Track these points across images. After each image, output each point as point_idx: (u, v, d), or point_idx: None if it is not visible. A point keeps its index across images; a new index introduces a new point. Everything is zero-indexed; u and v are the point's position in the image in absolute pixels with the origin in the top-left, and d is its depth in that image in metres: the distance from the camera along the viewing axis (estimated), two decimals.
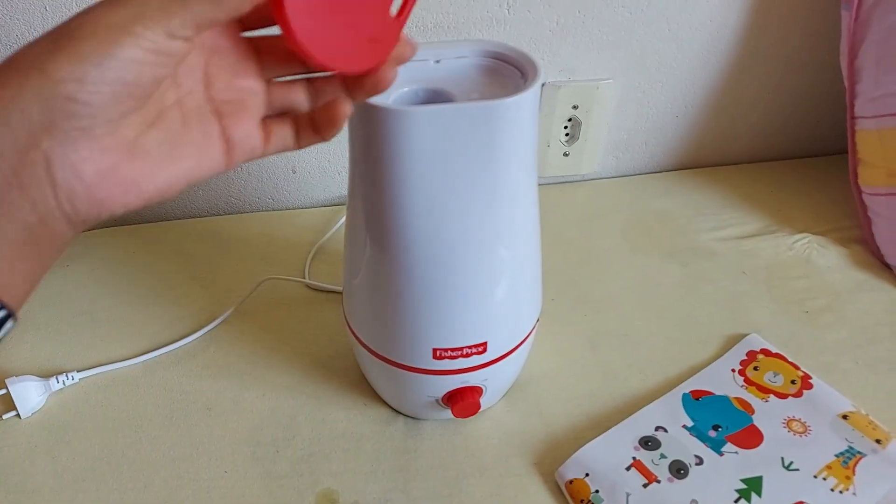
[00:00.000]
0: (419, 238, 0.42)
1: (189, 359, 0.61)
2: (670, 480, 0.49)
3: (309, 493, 0.50)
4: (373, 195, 0.42)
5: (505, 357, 0.50)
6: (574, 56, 0.75)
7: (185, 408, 0.56)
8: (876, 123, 0.68)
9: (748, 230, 0.76)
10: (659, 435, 0.53)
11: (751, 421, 0.54)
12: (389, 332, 0.48)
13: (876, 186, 0.70)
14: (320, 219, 0.78)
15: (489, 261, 0.44)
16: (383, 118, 0.37)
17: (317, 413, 0.56)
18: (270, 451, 0.53)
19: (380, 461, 0.52)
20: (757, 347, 0.60)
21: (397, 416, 0.56)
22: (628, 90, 0.79)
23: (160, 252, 0.73)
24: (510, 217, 0.44)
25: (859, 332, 0.63)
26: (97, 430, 0.55)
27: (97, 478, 0.51)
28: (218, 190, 0.78)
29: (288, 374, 0.59)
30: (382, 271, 0.45)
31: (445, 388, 0.50)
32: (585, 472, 0.50)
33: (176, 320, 0.64)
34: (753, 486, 0.49)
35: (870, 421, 0.53)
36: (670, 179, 0.85)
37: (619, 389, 0.58)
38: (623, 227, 0.77)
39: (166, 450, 0.53)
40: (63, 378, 0.57)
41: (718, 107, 0.83)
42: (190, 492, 0.50)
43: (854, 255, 0.72)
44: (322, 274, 0.70)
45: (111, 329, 0.63)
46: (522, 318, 0.50)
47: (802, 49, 0.80)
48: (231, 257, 0.72)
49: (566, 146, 0.81)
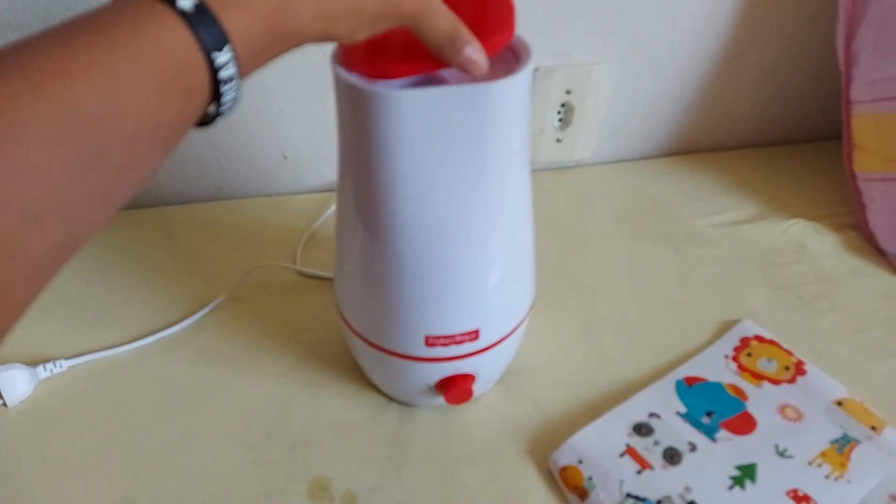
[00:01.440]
0: (410, 224, 0.41)
1: (180, 346, 0.60)
2: (664, 467, 0.49)
3: (301, 480, 0.50)
4: (362, 180, 0.41)
5: (498, 344, 0.49)
6: (568, 40, 0.74)
7: (175, 395, 0.56)
8: (872, 108, 0.67)
9: (742, 216, 0.76)
10: (652, 421, 0.52)
11: (744, 407, 0.54)
12: (381, 319, 0.47)
13: (871, 172, 0.69)
14: (312, 205, 0.77)
15: (481, 247, 0.44)
16: (371, 101, 0.37)
17: (309, 400, 0.55)
18: (262, 438, 0.53)
19: (373, 448, 0.52)
20: (750, 334, 0.60)
21: (390, 403, 0.55)
22: (622, 75, 0.78)
23: (151, 238, 0.72)
24: (502, 202, 0.43)
25: (853, 319, 0.63)
26: (86, 418, 0.54)
27: (86, 467, 0.51)
28: (209, 176, 0.77)
29: (280, 361, 0.59)
30: (373, 258, 0.44)
31: (438, 375, 0.49)
32: (579, 458, 0.50)
33: (166, 307, 0.64)
34: (747, 472, 0.49)
35: (864, 408, 0.53)
36: (664, 165, 0.85)
37: (612, 376, 0.57)
38: (617, 214, 0.77)
39: (157, 438, 0.53)
40: (51, 366, 0.57)
41: (713, 92, 0.82)
42: (181, 480, 0.50)
43: (848, 241, 0.72)
44: (314, 260, 0.69)
45: (100, 316, 0.63)
46: (515, 304, 0.50)
47: (798, 33, 0.79)
48: (222, 244, 0.72)
49: (559, 132, 0.80)
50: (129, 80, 0.24)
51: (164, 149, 0.27)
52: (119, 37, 0.24)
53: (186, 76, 0.26)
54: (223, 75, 0.27)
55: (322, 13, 0.29)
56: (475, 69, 0.35)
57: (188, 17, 0.25)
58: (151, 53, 0.24)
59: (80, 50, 0.23)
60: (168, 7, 0.25)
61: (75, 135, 0.23)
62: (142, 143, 0.25)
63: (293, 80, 0.71)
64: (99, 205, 0.25)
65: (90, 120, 0.23)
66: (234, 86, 0.28)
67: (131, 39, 0.24)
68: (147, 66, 0.24)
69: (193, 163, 0.76)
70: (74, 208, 0.24)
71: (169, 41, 0.25)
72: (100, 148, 0.23)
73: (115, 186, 0.25)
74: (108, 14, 0.25)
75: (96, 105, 0.23)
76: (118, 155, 0.24)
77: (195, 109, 0.27)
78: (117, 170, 0.25)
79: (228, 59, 0.26)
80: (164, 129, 0.26)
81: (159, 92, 0.25)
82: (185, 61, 0.25)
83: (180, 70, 0.25)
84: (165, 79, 0.25)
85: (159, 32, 0.25)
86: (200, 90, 0.26)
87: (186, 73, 0.26)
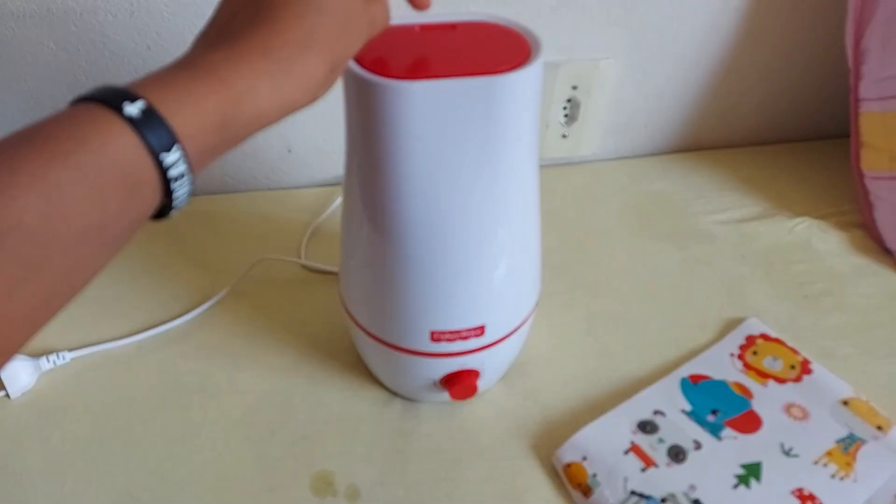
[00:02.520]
0: (417, 218, 0.41)
1: (183, 339, 0.60)
2: (669, 465, 0.49)
3: (304, 475, 0.50)
4: (369, 174, 0.41)
5: (503, 340, 0.49)
6: (573, 35, 0.73)
7: (178, 389, 0.56)
8: (881, 106, 0.67)
9: (748, 213, 0.75)
10: (657, 419, 0.52)
11: (750, 406, 0.53)
12: (386, 314, 0.47)
13: (879, 170, 0.69)
14: (316, 199, 0.77)
15: (488, 242, 0.44)
16: (380, 93, 0.36)
17: (312, 395, 0.55)
18: (265, 433, 0.52)
19: (376, 443, 0.52)
20: (756, 332, 0.60)
21: (394, 398, 0.55)
22: (628, 70, 0.78)
23: (154, 231, 0.70)
24: (510, 197, 0.43)
25: (859, 317, 0.62)
26: (88, 411, 0.54)
27: (88, 460, 0.51)
28: (212, 169, 0.77)
29: (283, 355, 0.58)
30: (379, 252, 0.44)
31: (443, 370, 0.49)
32: (583, 455, 0.50)
33: (170, 300, 0.63)
34: (753, 471, 0.49)
35: (870, 407, 0.53)
36: (670, 162, 0.84)
37: (616, 373, 0.57)
38: (622, 210, 0.76)
39: (159, 431, 0.53)
40: (54, 358, 0.56)
41: (719, 88, 0.82)
42: (183, 474, 0.50)
43: (854, 240, 0.71)
44: (318, 255, 0.69)
45: (103, 308, 0.62)
46: (521, 300, 0.50)
47: (806, 30, 0.79)
48: (226, 237, 0.71)
49: (565, 127, 0.79)
50: (71, 189, 0.24)
51: (113, 248, 0.27)
52: (61, 147, 0.24)
53: (133, 178, 0.25)
54: (173, 173, 0.26)
55: (287, 93, 0.31)
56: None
57: (135, 123, 0.25)
58: (95, 161, 0.24)
59: (23, 162, 0.23)
60: (114, 114, 0.25)
61: (15, 247, 0.23)
62: (85, 247, 0.25)
63: None
64: (41, 310, 0.25)
65: (31, 230, 0.23)
66: (185, 181, 0.27)
67: (74, 149, 0.24)
68: (91, 173, 0.24)
69: None
70: (15, 315, 0.24)
71: (114, 147, 0.25)
72: (41, 256, 0.23)
73: (57, 290, 0.25)
74: (54, 124, 0.25)
75: (36, 215, 0.23)
76: (60, 261, 0.24)
77: (145, 209, 0.27)
78: (61, 275, 0.25)
79: (178, 157, 0.26)
80: (109, 229, 0.26)
81: (103, 196, 0.25)
82: (132, 164, 0.25)
83: (126, 173, 0.25)
84: (110, 183, 0.25)
85: (104, 139, 0.25)
86: (149, 189, 0.26)
87: (133, 176, 0.25)
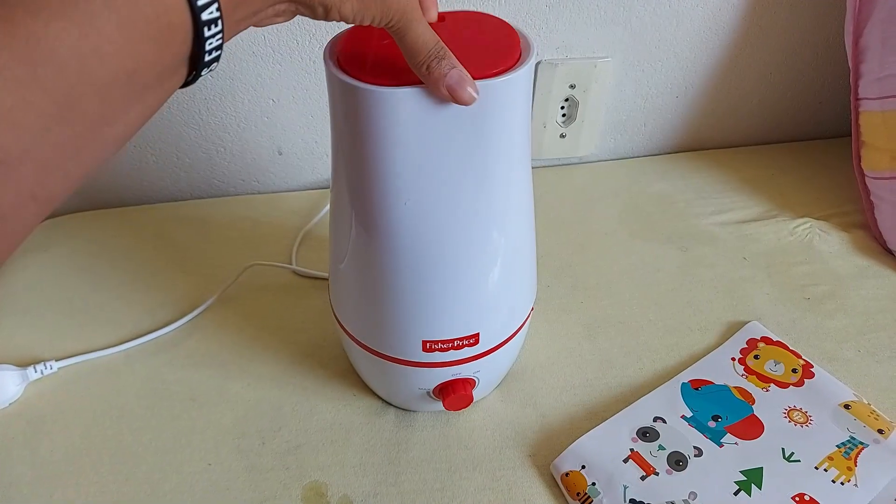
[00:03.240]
0: (406, 224, 0.40)
1: (172, 347, 0.59)
2: (669, 472, 0.48)
3: (296, 486, 0.49)
4: (357, 179, 0.40)
5: (498, 348, 0.48)
6: (571, 33, 0.72)
7: (167, 398, 0.55)
8: (881, 105, 0.66)
9: (749, 214, 0.74)
10: (657, 426, 0.51)
11: (751, 411, 0.52)
12: (377, 323, 0.46)
13: (880, 170, 0.68)
14: (308, 202, 0.76)
15: (481, 248, 0.42)
16: (365, 99, 0.35)
17: (304, 404, 0.54)
18: (256, 443, 0.51)
19: (370, 454, 0.51)
20: (757, 335, 0.59)
21: (387, 407, 0.54)
22: (627, 69, 0.77)
23: (142, 236, 0.71)
24: (502, 201, 0.42)
25: (861, 320, 0.61)
26: (77, 421, 0.53)
27: (77, 470, 0.50)
28: (201, 172, 0.76)
29: (274, 363, 0.57)
30: (368, 259, 0.43)
31: (436, 380, 0.48)
32: (582, 464, 0.49)
33: (158, 307, 0.62)
34: (753, 477, 0.48)
35: (872, 411, 0.52)
36: (669, 162, 0.83)
37: (616, 379, 0.56)
38: (621, 211, 0.75)
39: (148, 441, 0.52)
40: (41, 367, 0.55)
41: (719, 87, 0.81)
42: (173, 485, 0.49)
43: (856, 241, 0.70)
44: (310, 260, 0.68)
45: (91, 316, 0.61)
46: (516, 307, 0.49)
47: (806, 28, 0.78)
48: (215, 242, 0.70)
49: (563, 127, 0.78)
50: (104, 23, 0.23)
51: (142, 104, 0.26)
52: None
53: (165, 19, 0.24)
54: (205, 17, 0.25)
55: None
56: (461, 97, 0.34)
57: None
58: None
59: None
60: None
61: (48, 79, 0.22)
62: (116, 90, 0.24)
63: (288, 73, 0.69)
64: (72, 157, 0.24)
65: (64, 64, 0.22)
66: (217, 33, 0.26)
67: None
68: (123, 8, 0.23)
69: (184, 157, 0.74)
70: (46, 158, 0.23)
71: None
72: (73, 94, 0.23)
73: (89, 139, 0.24)
74: None
75: (70, 46, 0.22)
76: (92, 103, 0.23)
77: (173, 56, 0.26)
78: (91, 120, 0.24)
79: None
80: (139, 77, 0.25)
81: (134, 36, 0.24)
82: (164, 3, 0.24)
83: (158, 13, 0.24)
84: (142, 20, 0.24)
85: None
86: (180, 33, 0.25)
87: (165, 16, 0.24)
